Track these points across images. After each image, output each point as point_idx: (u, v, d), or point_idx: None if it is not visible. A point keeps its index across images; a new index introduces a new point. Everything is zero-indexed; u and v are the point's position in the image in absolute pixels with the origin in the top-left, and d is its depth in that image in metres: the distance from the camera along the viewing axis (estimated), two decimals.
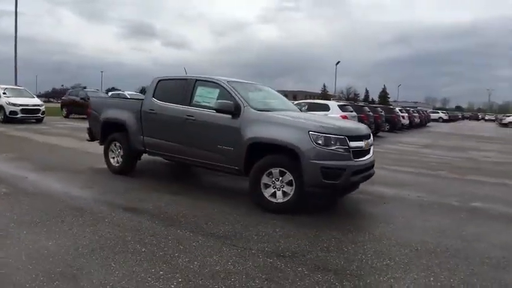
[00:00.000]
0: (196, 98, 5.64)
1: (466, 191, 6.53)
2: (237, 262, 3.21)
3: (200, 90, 5.65)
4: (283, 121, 4.88)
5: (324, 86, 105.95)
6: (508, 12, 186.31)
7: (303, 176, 4.48)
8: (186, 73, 6.64)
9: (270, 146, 4.78)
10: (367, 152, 5.03)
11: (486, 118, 70.42)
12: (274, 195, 4.72)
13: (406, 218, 4.78)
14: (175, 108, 5.72)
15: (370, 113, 18.02)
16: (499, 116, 52.72)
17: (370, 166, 5.10)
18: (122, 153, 6.42)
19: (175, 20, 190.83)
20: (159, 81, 6.20)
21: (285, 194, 4.68)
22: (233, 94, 5.29)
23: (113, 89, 53.16)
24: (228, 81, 5.53)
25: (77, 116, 20.76)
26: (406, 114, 27.34)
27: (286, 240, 3.79)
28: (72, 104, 21.28)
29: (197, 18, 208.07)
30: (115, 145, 6.54)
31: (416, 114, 31.25)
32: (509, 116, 42.92)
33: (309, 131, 4.54)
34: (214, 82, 5.60)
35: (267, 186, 4.76)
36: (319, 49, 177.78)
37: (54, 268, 2.92)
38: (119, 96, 20.26)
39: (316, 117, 5.41)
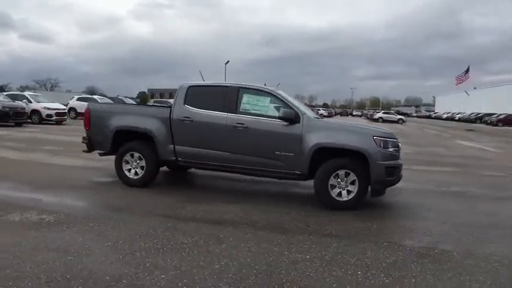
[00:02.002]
0: (244, 106, 5.65)
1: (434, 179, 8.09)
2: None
3: (247, 98, 5.68)
4: (348, 127, 5.41)
5: None
6: (363, 19, 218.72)
7: (370, 176, 5.09)
8: (202, 77, 6.51)
9: (335, 151, 5.24)
10: None
11: (354, 113, 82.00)
12: (339, 194, 5.20)
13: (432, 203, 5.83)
14: (220, 115, 5.61)
15: None
16: (370, 112, 62.48)
17: None
18: (143, 163, 5.92)
19: (36, 10, 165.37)
20: (190, 87, 5.94)
21: (349, 192, 5.21)
22: (287, 102, 5.53)
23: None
24: (274, 90, 5.73)
25: None
26: None
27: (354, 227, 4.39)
28: None
29: (62, 9, 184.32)
30: (132, 155, 5.98)
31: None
32: (378, 112, 51.53)
33: (373, 136, 5.17)
34: (263, 90, 5.72)
35: (333, 187, 5.21)
36: (193, 47, 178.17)
37: None
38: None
39: (353, 123, 6.06)
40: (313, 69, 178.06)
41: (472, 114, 53.83)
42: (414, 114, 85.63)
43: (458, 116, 57.87)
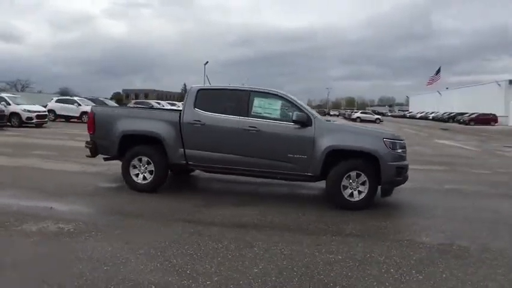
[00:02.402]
0: (256, 109, 5.69)
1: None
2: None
3: (259, 102, 5.72)
4: (358, 130, 5.57)
5: (185, 85, 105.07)
6: (337, 21, 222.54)
7: (381, 176, 5.25)
8: (209, 81, 6.50)
9: (346, 153, 5.37)
10: None
11: (331, 113, 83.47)
12: (351, 195, 5.34)
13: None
14: (232, 119, 5.63)
15: None
16: (348, 111, 63.75)
17: None
18: (151, 168, 5.85)
19: (3, 8, 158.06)
20: (199, 90, 5.92)
21: (360, 193, 5.36)
22: (298, 105, 5.62)
23: None
24: (285, 93, 5.80)
25: None
26: None
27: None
28: None
29: (32, 8, 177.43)
30: (140, 160, 5.90)
31: None
32: (356, 112, 52.68)
33: (383, 139, 5.34)
34: (274, 94, 5.77)
35: (345, 187, 5.33)
36: (168, 47, 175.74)
37: None
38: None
39: (360, 126, 6.23)
40: (288, 69, 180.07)
41: (444, 113, 55.79)
42: (389, 114, 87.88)
43: (432, 115, 59.78)
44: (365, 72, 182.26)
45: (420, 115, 65.53)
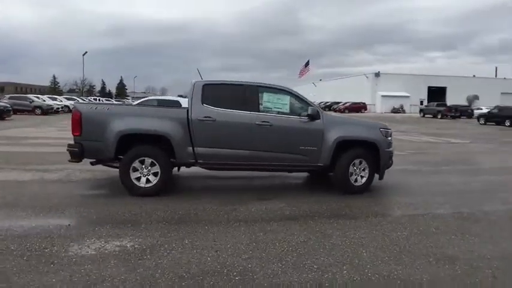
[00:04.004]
0: (266, 104, 5.74)
1: None
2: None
3: (268, 97, 5.77)
4: (359, 122, 6.15)
5: (54, 78, 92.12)
6: (211, 14, 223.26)
7: (380, 162, 5.98)
8: (200, 75, 6.23)
9: (351, 143, 5.90)
10: None
11: None
12: (355, 180, 5.93)
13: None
14: (244, 114, 5.57)
15: None
16: None
17: None
18: (155, 170, 5.35)
19: None
20: (205, 85, 5.63)
21: (361, 178, 5.99)
22: (306, 100, 5.91)
23: None
24: (291, 89, 6.00)
25: None
26: None
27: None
28: None
29: None
30: (142, 162, 5.34)
31: None
32: None
33: (380, 128, 6.07)
34: (282, 89, 5.90)
35: (351, 174, 5.89)
36: (28, 36, 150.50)
37: None
38: None
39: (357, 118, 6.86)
40: (163, 60, 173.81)
41: (321, 103, 62.65)
42: None
43: None
44: (240, 65, 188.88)
45: None
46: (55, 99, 31.37)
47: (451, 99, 46.48)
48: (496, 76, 62.09)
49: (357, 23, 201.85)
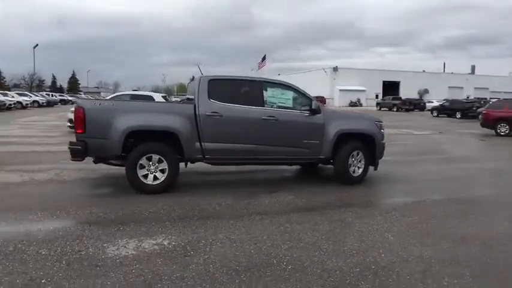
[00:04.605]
0: (270, 99, 5.84)
1: None
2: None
3: (272, 92, 5.87)
4: (356, 115, 6.45)
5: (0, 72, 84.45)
6: (161, 8, 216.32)
7: (375, 153, 6.31)
8: (200, 70, 6.20)
9: (349, 135, 6.16)
10: None
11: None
12: (353, 171, 6.22)
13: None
14: (251, 109, 5.63)
15: None
16: None
17: None
18: (163, 166, 5.27)
19: None
20: (210, 81, 5.60)
21: (358, 168, 6.30)
22: (307, 95, 6.07)
23: None
24: (293, 84, 6.14)
25: None
26: None
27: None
28: None
29: None
30: (149, 158, 5.24)
31: None
32: None
33: (375, 121, 6.40)
34: (285, 84, 6.03)
35: (349, 165, 6.17)
36: None
37: None
38: None
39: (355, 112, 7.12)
40: (114, 55, 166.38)
41: None
42: None
43: None
44: (193, 59, 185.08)
45: None
46: (6, 94, 29.01)
47: (404, 93, 49.17)
48: (444, 71, 66.56)
49: (309, 19, 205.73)
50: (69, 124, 13.03)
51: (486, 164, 8.70)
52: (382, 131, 6.54)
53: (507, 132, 14.83)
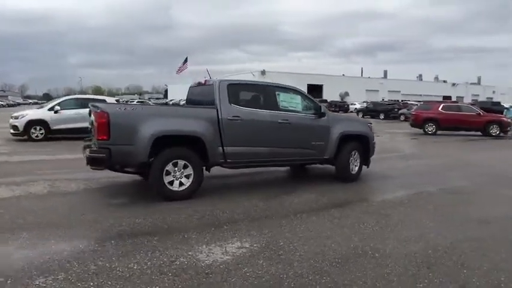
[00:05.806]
0: (282, 104, 6.10)
1: None
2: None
3: (283, 96, 6.13)
4: (353, 119, 7.04)
5: None
6: (75, 5, 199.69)
7: (369, 153, 6.97)
8: (209, 74, 6.22)
9: (349, 137, 6.70)
10: None
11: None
12: (352, 170, 6.79)
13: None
14: (267, 113, 5.83)
15: None
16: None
17: None
18: (188, 172, 5.18)
19: None
20: (229, 85, 5.64)
21: (355, 167, 6.88)
22: (312, 99, 6.47)
23: None
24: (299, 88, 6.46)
25: None
26: None
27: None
28: None
29: None
30: (175, 164, 5.11)
31: None
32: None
33: (367, 124, 7.06)
34: (293, 89, 6.37)
35: (351, 164, 6.72)
36: None
37: None
38: None
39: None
40: (21, 54, 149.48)
41: None
42: (151, 102, 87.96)
43: None
44: (110, 60, 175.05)
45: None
46: None
47: (327, 96, 52.91)
48: (361, 75, 73.06)
49: (228, 22, 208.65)
50: (12, 131, 11.61)
51: (436, 160, 9.93)
52: (373, 132, 7.25)
53: (434, 131, 17.13)
